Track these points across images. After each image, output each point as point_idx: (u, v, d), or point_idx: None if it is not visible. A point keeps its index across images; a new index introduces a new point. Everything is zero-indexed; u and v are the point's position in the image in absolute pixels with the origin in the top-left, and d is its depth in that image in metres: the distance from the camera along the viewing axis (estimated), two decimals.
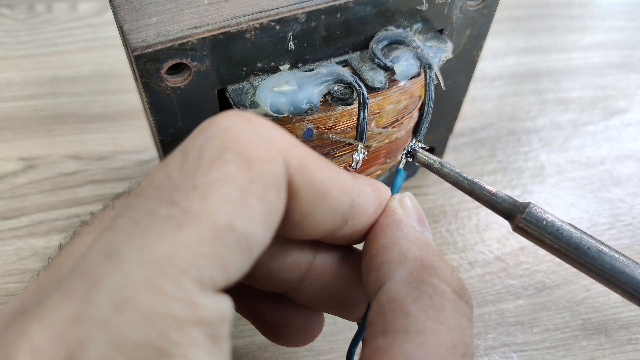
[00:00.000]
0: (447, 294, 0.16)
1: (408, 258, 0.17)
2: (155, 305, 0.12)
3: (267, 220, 0.14)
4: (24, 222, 0.35)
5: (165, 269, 0.13)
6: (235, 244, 0.13)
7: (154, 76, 0.22)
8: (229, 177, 0.14)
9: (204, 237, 0.13)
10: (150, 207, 0.13)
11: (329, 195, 0.16)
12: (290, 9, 0.22)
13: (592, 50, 0.49)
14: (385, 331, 0.16)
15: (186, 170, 0.14)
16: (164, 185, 0.14)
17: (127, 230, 0.13)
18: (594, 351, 0.30)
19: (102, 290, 0.12)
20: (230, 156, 0.14)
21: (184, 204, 0.13)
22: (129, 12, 0.22)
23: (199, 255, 0.13)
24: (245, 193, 0.14)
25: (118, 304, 0.12)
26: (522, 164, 0.39)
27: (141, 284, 0.12)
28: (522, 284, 0.32)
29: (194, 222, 0.13)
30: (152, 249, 0.13)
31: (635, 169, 0.39)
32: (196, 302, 0.13)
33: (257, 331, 0.30)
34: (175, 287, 0.13)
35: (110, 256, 0.13)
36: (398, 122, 0.28)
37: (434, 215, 0.36)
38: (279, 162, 0.14)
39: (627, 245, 0.34)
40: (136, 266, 0.13)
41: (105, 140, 0.40)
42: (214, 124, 0.15)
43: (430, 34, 0.26)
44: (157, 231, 0.13)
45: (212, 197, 0.13)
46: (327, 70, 0.23)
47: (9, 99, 0.42)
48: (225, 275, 0.13)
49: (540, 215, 0.20)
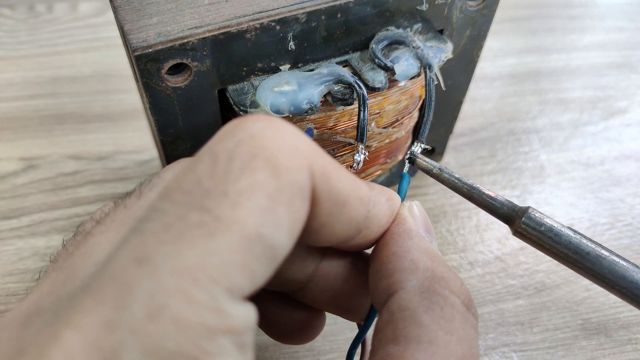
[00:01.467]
0: (457, 305, 0.17)
1: (419, 268, 0.18)
2: (188, 313, 0.12)
3: (292, 229, 0.14)
4: (25, 222, 0.35)
5: (197, 277, 0.13)
6: (262, 253, 0.14)
7: (154, 76, 0.22)
8: (258, 185, 0.14)
9: (234, 246, 0.13)
10: (181, 213, 0.14)
11: (347, 204, 0.16)
12: (291, 9, 0.22)
13: (592, 50, 0.49)
14: (396, 339, 0.16)
15: (216, 175, 0.14)
16: (194, 190, 0.14)
17: (158, 236, 0.13)
18: (594, 351, 0.30)
19: (135, 297, 0.12)
20: (259, 163, 0.14)
21: (215, 211, 0.13)
22: (129, 12, 0.22)
23: (229, 264, 0.13)
24: (274, 202, 0.14)
25: (152, 312, 0.12)
26: (522, 164, 0.39)
27: (174, 291, 0.12)
28: (522, 284, 0.32)
29: (225, 230, 0.13)
30: (184, 256, 0.13)
31: (635, 169, 0.39)
32: (226, 311, 0.13)
33: (257, 331, 0.30)
34: (207, 295, 0.13)
35: (142, 262, 0.13)
36: (398, 122, 0.28)
37: (434, 215, 0.36)
38: (305, 171, 0.15)
39: (627, 245, 0.34)
40: (169, 273, 0.13)
41: (105, 140, 0.40)
42: (242, 128, 0.15)
43: (430, 34, 0.26)
44: (189, 238, 0.13)
45: (242, 205, 0.13)
46: (328, 70, 0.23)
47: (9, 99, 0.42)
48: (252, 283, 0.14)
49: (540, 220, 0.21)
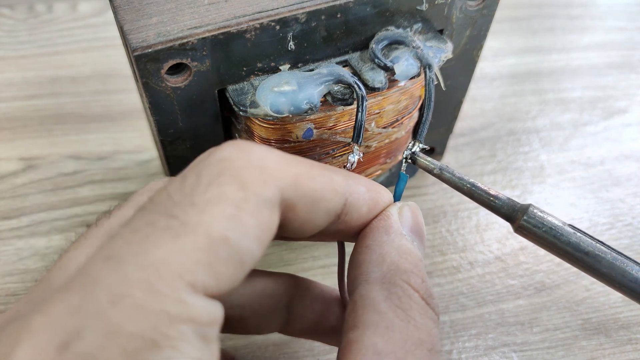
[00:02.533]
0: (415, 297, 0.18)
1: (385, 261, 0.18)
2: (149, 301, 0.13)
3: (259, 237, 0.15)
4: (25, 222, 0.35)
5: (160, 271, 0.14)
6: (228, 255, 0.15)
7: (154, 76, 0.22)
8: (224, 196, 0.15)
9: (199, 247, 0.14)
10: (149, 219, 0.15)
11: (323, 199, 0.17)
12: (291, 9, 0.22)
13: (592, 50, 0.49)
14: (355, 325, 0.17)
15: (185, 189, 0.15)
16: (163, 201, 0.15)
17: (126, 238, 0.15)
18: (594, 351, 0.30)
19: (100, 286, 0.14)
20: (226, 179, 0.15)
21: (182, 217, 0.14)
22: (129, 12, 0.22)
23: (193, 262, 0.14)
24: (240, 210, 0.15)
25: (114, 299, 0.13)
26: (522, 164, 0.39)
27: (137, 282, 0.13)
28: (522, 284, 0.32)
29: (190, 232, 0.14)
30: (149, 253, 0.14)
31: (635, 169, 0.39)
32: (187, 302, 0.14)
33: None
34: (169, 287, 0.14)
35: (109, 258, 0.14)
36: (398, 122, 0.28)
37: (434, 215, 0.36)
38: (271, 186, 0.16)
39: (627, 245, 0.34)
40: (133, 267, 0.14)
41: (105, 140, 0.40)
42: (211, 155, 0.16)
43: (430, 34, 0.26)
44: (155, 239, 0.14)
45: (208, 211, 0.15)
46: (327, 70, 0.23)
47: (9, 99, 0.42)
48: (217, 282, 0.15)
49: (541, 217, 0.21)
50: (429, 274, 0.33)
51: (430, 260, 0.33)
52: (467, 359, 0.29)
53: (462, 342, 0.30)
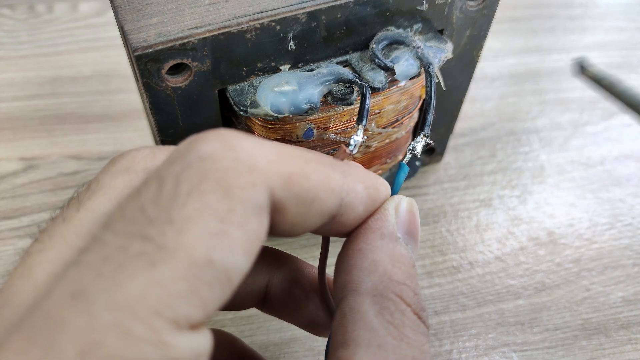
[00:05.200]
0: (407, 312, 0.17)
1: (378, 270, 0.17)
2: (124, 349, 0.12)
3: (248, 248, 0.14)
4: (25, 222, 0.35)
5: (135, 310, 0.12)
6: (215, 278, 0.13)
7: (154, 76, 0.22)
8: (207, 209, 0.13)
9: (179, 275, 0.12)
10: (121, 243, 0.13)
11: (317, 199, 0.16)
12: (291, 9, 0.22)
13: (592, 50, 0.49)
14: (345, 342, 0.16)
15: (162, 201, 0.13)
16: (137, 219, 0.13)
17: (95, 269, 0.13)
18: (594, 351, 0.30)
19: (67, 335, 0.12)
20: (208, 186, 0.13)
21: (158, 240, 0.13)
22: (129, 12, 0.22)
23: (173, 295, 0.12)
24: (225, 224, 0.13)
25: (84, 350, 0.12)
26: (522, 164, 0.39)
27: (109, 327, 0.12)
28: (522, 284, 0.32)
29: (168, 259, 0.12)
30: (122, 289, 0.12)
31: (635, 169, 0.39)
32: (169, 344, 0.12)
33: (257, 331, 0.30)
34: (146, 329, 0.12)
35: (76, 297, 0.12)
36: (398, 122, 0.28)
37: (434, 215, 0.36)
38: (260, 188, 0.14)
39: (627, 245, 0.34)
40: (104, 308, 0.12)
41: (105, 141, 0.40)
42: (192, 150, 0.14)
43: (430, 34, 0.26)
44: (128, 270, 0.12)
45: (189, 231, 0.13)
46: (328, 70, 0.23)
47: (9, 99, 0.42)
48: (204, 310, 0.13)
49: None
50: (429, 274, 0.33)
51: (430, 260, 0.33)
52: (467, 358, 0.29)
53: (462, 342, 0.30)
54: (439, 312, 0.31)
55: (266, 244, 0.35)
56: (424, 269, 0.33)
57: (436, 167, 0.38)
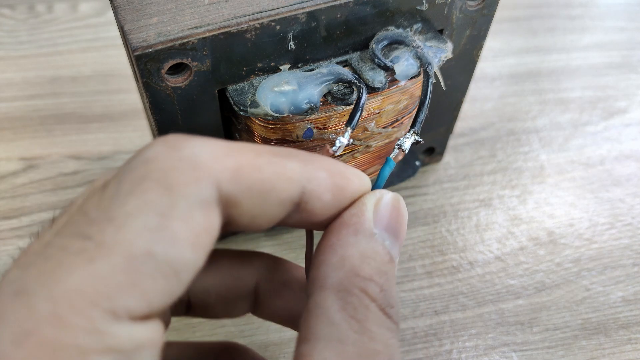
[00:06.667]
0: (371, 307, 0.16)
1: (345, 266, 0.17)
2: (59, 336, 0.12)
3: (195, 242, 0.14)
4: (25, 222, 0.35)
5: (72, 301, 0.13)
6: (156, 270, 0.13)
7: (154, 76, 0.22)
8: (147, 205, 0.14)
9: (117, 268, 0.13)
10: (62, 243, 0.13)
11: (275, 189, 0.16)
12: (291, 9, 0.22)
13: (592, 50, 0.49)
14: (307, 337, 0.16)
15: (103, 203, 0.14)
16: (79, 221, 0.14)
17: (37, 267, 0.13)
18: (594, 351, 0.30)
19: (3, 326, 0.12)
20: (149, 185, 0.14)
21: (97, 237, 0.13)
22: (129, 12, 0.22)
23: (111, 286, 0.13)
24: (166, 218, 0.14)
25: (17, 339, 0.12)
26: (522, 164, 0.39)
27: (45, 317, 0.12)
28: (522, 284, 0.32)
29: (106, 253, 0.13)
30: (59, 282, 0.13)
31: (635, 169, 0.39)
32: (104, 331, 0.13)
33: (257, 331, 0.30)
34: (81, 318, 0.13)
35: (18, 293, 0.13)
36: (398, 122, 0.28)
37: (434, 215, 0.36)
38: (204, 183, 0.14)
39: (627, 245, 0.34)
40: (43, 300, 0.13)
41: (105, 140, 0.40)
42: (137, 156, 0.15)
43: (430, 34, 0.26)
44: (68, 266, 0.13)
45: (128, 226, 0.13)
46: (327, 70, 0.23)
47: (9, 99, 0.42)
48: (146, 302, 0.13)
49: None
50: (429, 274, 0.33)
51: (430, 260, 0.33)
52: (467, 358, 0.29)
53: (462, 342, 0.30)
54: (438, 312, 0.31)
55: (266, 244, 0.36)
56: (424, 269, 0.33)
57: (436, 167, 0.38)
